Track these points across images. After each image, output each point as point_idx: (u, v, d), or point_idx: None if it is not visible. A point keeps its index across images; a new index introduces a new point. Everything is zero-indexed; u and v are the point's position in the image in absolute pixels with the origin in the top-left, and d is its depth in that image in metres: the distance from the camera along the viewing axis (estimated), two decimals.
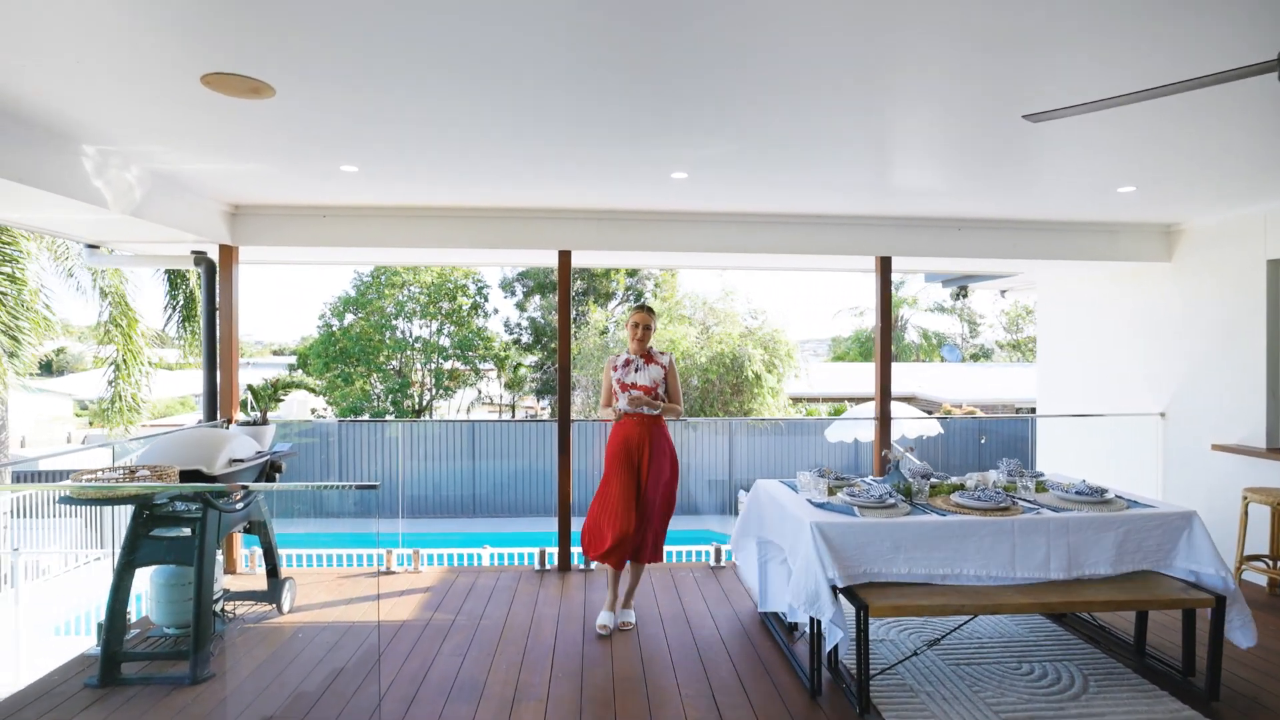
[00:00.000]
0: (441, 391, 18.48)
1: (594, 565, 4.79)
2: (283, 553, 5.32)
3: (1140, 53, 2.26)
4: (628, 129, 3.04)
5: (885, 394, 4.92)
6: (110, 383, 9.67)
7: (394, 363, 17.61)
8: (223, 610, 3.63)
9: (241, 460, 3.51)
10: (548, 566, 4.75)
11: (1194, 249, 5.08)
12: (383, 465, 12.50)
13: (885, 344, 4.92)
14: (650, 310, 3.86)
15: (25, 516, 7.37)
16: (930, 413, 14.84)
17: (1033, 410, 16.44)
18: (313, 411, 18.03)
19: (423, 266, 17.31)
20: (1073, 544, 3.09)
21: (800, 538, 3.05)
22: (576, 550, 4.84)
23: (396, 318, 17.52)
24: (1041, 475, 3.69)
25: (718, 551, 4.87)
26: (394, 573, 4.66)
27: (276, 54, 2.29)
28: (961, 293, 7.52)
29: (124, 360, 9.74)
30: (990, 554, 3.03)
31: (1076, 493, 3.27)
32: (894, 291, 26.34)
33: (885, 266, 4.96)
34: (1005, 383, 19.31)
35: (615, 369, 3.85)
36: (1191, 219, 5.00)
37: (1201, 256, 5.02)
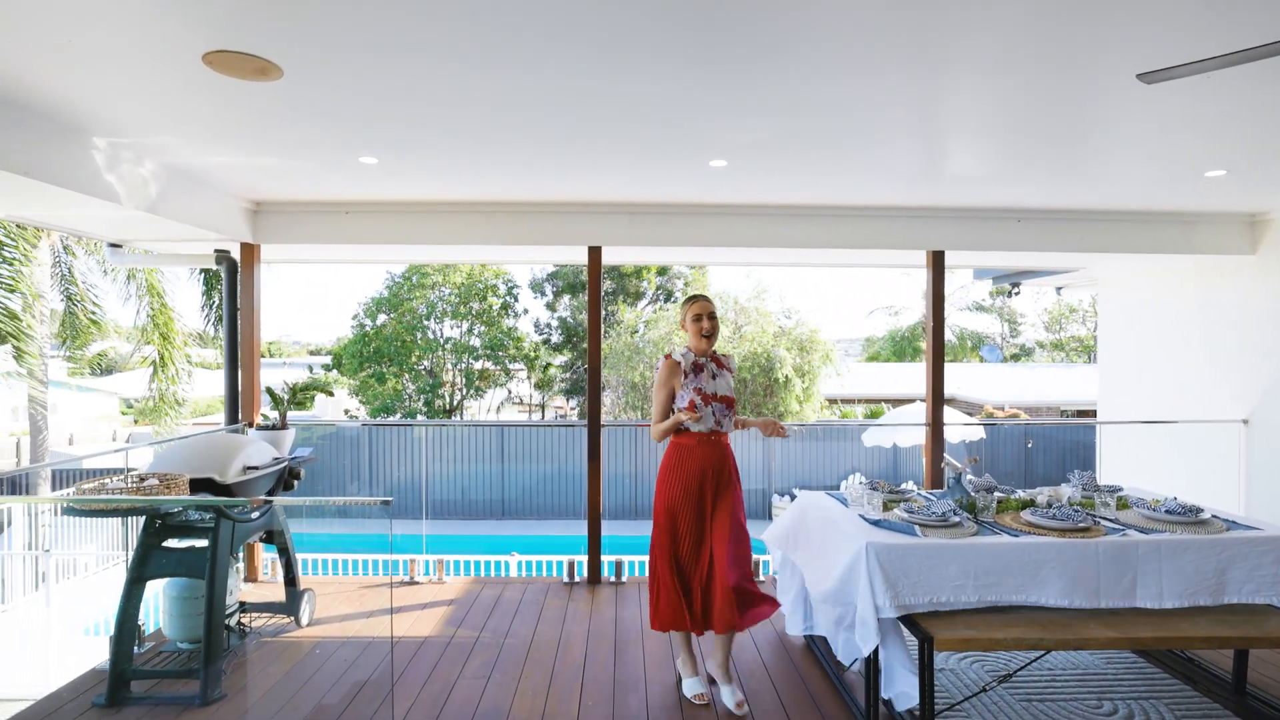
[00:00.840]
0: (472, 391, 18.47)
1: (625, 578, 4.54)
2: (306, 557, 5.20)
3: (1232, 13, 1.94)
4: (667, 108, 2.79)
5: (938, 399, 4.57)
6: (157, 381, 9.82)
7: (425, 363, 17.64)
8: (239, 624, 3.47)
9: (257, 468, 3.34)
10: (577, 578, 4.52)
11: None
12: (410, 467, 12.45)
13: (938, 345, 4.57)
14: (708, 297, 3.12)
15: (63, 513, 7.41)
16: (971, 415, 14.29)
17: (1081, 413, 15.73)
18: (345, 412, 18.17)
19: (452, 267, 17.31)
20: (1166, 571, 2.74)
21: (841, 555, 2.76)
22: (608, 559, 4.60)
23: (428, 318, 17.55)
24: (1120, 490, 3.34)
25: (756, 564, 4.58)
26: (418, 583, 4.46)
27: (282, 29, 2.09)
28: (1014, 290, 7.09)
29: (162, 359, 9.85)
30: (1073, 581, 2.70)
31: (1166, 511, 2.92)
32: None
33: (938, 261, 4.62)
34: (1048, 384, 18.59)
35: (685, 375, 3.01)
36: None
37: None
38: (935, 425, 4.60)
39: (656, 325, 14.79)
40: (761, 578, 4.54)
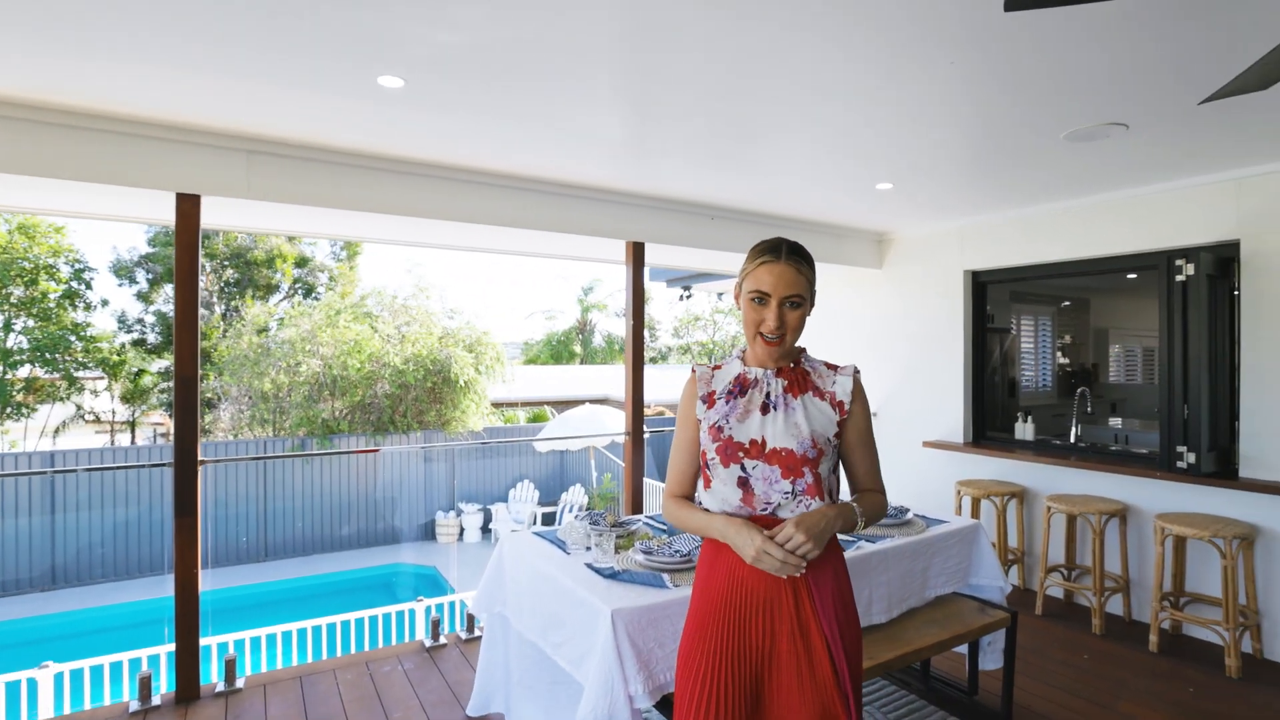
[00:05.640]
0: (10, 410, 13.21)
1: (240, 683, 3.09)
2: None
3: None
4: None
5: (638, 405, 4.16)
6: None
7: None
8: None
9: None
10: (153, 701, 2.90)
11: (900, 259, 5.38)
12: None
13: (638, 345, 4.17)
14: (799, 254, 1.59)
15: None
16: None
17: None
18: None
19: None
20: (891, 580, 2.64)
21: (593, 635, 2.03)
22: (213, 641, 3.12)
23: None
24: None
25: (435, 625, 3.58)
26: None
27: None
28: (686, 293, 7.32)
29: None
30: None
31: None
32: (585, 295, 27.00)
33: (638, 254, 4.23)
34: (682, 383, 20.91)
35: (711, 399, 1.65)
36: (899, 230, 5.28)
37: (907, 265, 5.33)
38: (636, 434, 4.19)
39: (295, 322, 12.35)
40: (443, 639, 3.56)
